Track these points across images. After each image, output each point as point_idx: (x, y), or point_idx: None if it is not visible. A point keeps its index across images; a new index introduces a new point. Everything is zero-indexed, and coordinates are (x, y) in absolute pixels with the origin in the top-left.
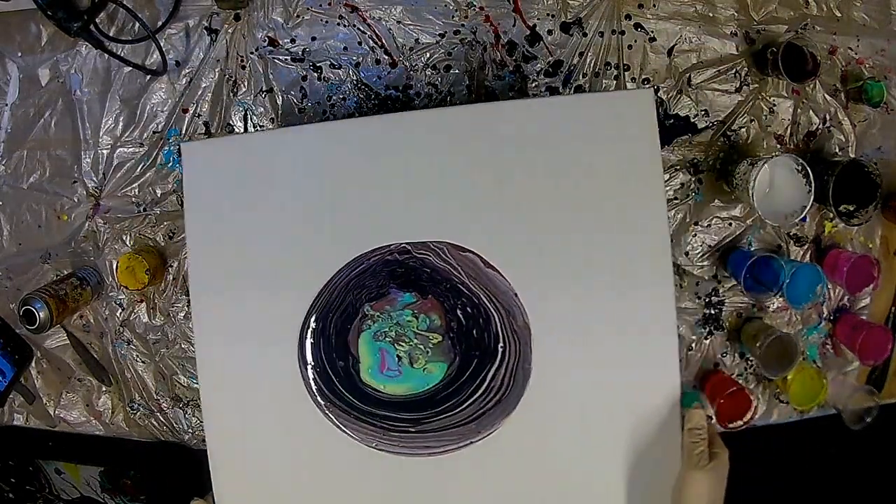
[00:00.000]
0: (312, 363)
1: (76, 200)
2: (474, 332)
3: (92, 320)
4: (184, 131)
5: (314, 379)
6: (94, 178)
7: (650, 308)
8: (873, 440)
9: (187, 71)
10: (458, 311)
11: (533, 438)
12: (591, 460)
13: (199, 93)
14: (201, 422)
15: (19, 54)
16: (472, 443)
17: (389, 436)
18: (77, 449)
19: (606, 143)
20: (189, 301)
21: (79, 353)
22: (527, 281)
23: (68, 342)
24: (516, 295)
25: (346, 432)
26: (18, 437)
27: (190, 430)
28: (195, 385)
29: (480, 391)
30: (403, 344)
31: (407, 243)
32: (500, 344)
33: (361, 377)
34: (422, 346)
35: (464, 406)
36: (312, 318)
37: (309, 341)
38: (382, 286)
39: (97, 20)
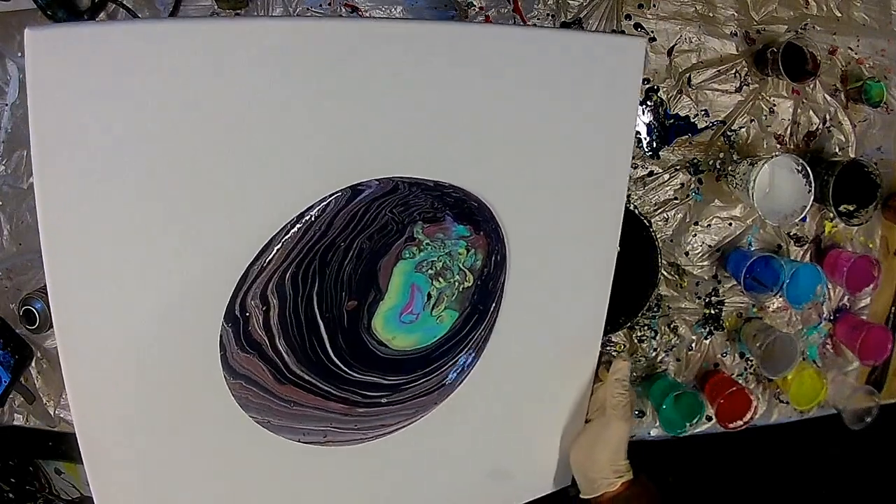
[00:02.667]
0: (278, 332)
1: None
2: (489, 284)
3: None
4: None
5: (274, 354)
6: None
7: (590, 288)
8: (873, 440)
9: None
10: (495, 257)
11: (472, 414)
12: (521, 429)
13: None
14: None
15: (19, 54)
16: (423, 417)
17: (350, 415)
18: (77, 449)
19: (590, 86)
20: None
21: None
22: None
23: None
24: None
25: (293, 429)
26: (18, 437)
27: None
28: None
29: (461, 353)
30: (442, 280)
31: (431, 180)
32: (493, 304)
33: (372, 323)
34: (456, 286)
35: (442, 370)
36: (289, 261)
37: (275, 302)
38: (439, 209)
39: (97, 20)
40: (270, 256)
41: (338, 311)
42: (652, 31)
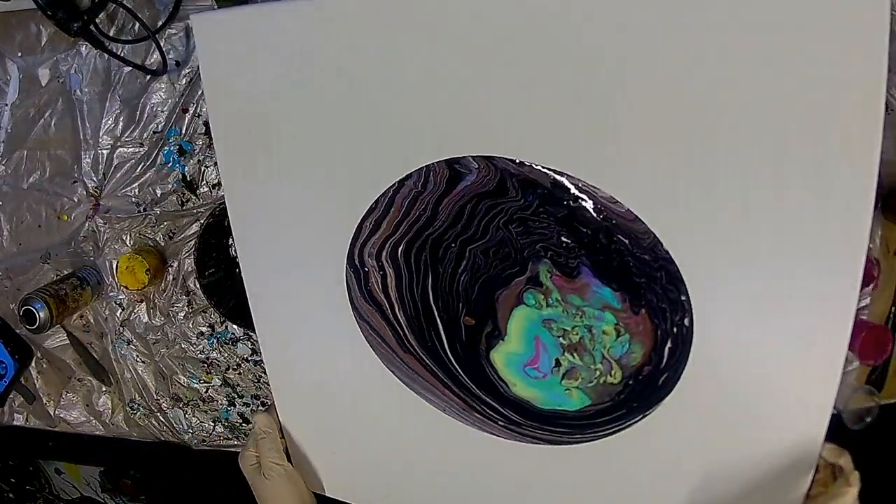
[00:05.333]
0: (397, 302)
1: (76, 200)
2: (653, 384)
3: (92, 320)
4: (184, 131)
5: (394, 320)
6: (94, 178)
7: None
8: (873, 440)
9: (187, 71)
10: (668, 345)
11: (621, 460)
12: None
13: (200, 93)
14: (201, 422)
15: (19, 54)
16: (555, 447)
17: (468, 412)
18: (77, 449)
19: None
20: (189, 301)
21: (79, 353)
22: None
23: (68, 342)
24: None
25: (416, 390)
26: (18, 437)
27: (190, 430)
28: (195, 385)
29: (596, 435)
30: (576, 356)
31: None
32: (663, 402)
33: (492, 356)
34: (596, 375)
35: (567, 438)
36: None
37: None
38: (571, 252)
39: (97, 20)
40: (380, 218)
41: (454, 318)
42: None
